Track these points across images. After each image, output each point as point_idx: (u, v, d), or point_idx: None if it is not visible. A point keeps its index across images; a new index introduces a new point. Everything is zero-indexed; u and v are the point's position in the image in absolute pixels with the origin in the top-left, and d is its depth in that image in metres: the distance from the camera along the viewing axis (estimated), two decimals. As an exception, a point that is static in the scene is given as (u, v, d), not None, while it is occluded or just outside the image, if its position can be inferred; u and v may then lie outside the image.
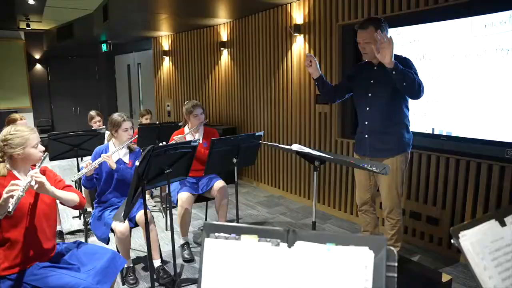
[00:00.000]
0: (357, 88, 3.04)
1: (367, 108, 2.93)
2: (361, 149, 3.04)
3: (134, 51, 9.50)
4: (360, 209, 3.20)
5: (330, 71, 4.48)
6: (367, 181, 3.09)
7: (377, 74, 2.88)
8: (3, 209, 1.88)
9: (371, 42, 2.76)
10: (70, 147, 3.83)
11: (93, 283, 2.09)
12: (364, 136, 2.99)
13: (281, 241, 1.05)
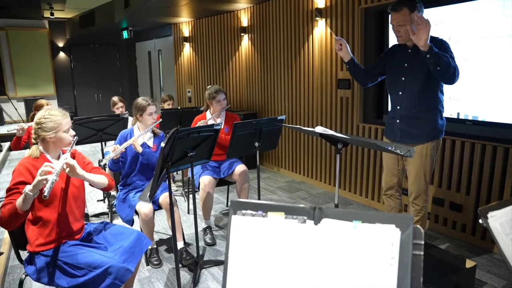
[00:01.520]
0: (390, 72, 2.97)
1: (400, 92, 2.86)
2: (391, 134, 2.98)
3: (155, 38, 9.56)
4: (385, 193, 3.16)
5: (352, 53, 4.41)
6: (395, 165, 3.04)
7: (411, 57, 2.80)
8: (36, 189, 1.94)
9: (405, 25, 2.69)
10: (94, 132, 3.91)
11: (120, 262, 2.15)
12: (396, 121, 2.92)
13: (307, 218, 1.05)
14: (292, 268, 1.02)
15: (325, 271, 0.99)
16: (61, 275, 2.16)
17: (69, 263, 2.15)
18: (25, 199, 1.96)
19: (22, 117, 9.75)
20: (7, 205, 2.03)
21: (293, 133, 5.55)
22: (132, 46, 11.07)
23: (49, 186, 1.93)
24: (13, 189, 2.08)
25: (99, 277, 2.09)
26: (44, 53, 10.48)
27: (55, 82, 10.68)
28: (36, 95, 9.91)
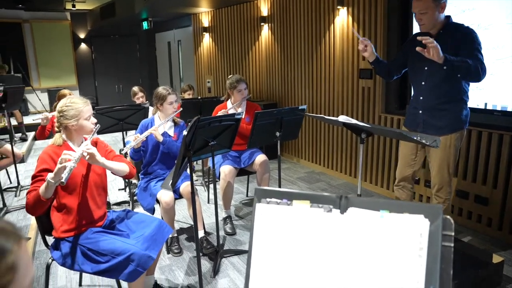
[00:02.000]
0: (412, 61, 2.88)
1: (423, 82, 2.78)
2: (413, 124, 2.90)
3: (174, 29, 9.57)
4: (397, 184, 3.09)
5: (374, 45, 4.32)
6: (411, 156, 2.97)
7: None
8: (58, 177, 1.96)
9: (427, 12, 2.60)
10: (116, 121, 3.94)
11: (142, 249, 2.17)
12: (418, 111, 2.84)
13: (333, 207, 1.03)
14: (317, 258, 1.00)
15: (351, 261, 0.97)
16: (85, 260, 2.20)
17: (93, 249, 2.18)
18: (47, 187, 1.99)
19: (45, 107, 9.93)
20: (32, 192, 2.07)
21: (313, 124, 5.50)
22: (152, 37, 11.12)
23: (66, 173, 1.95)
24: (37, 176, 2.12)
25: (121, 264, 2.12)
26: (66, 45, 10.63)
27: (77, 73, 10.84)
28: (59, 85, 10.07)
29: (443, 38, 2.53)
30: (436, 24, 2.65)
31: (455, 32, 2.56)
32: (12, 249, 0.56)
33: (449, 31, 2.64)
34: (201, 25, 8.03)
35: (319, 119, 3.51)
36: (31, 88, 9.81)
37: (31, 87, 9.85)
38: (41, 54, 10.29)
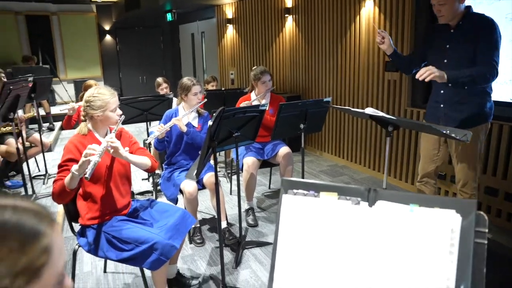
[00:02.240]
0: (431, 54, 2.80)
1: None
2: (433, 118, 2.82)
3: (198, 20, 9.59)
4: (420, 180, 3.01)
5: (402, 37, 4.23)
6: (434, 151, 2.89)
7: (454, 38, 2.62)
8: (82, 169, 1.99)
9: (446, 4, 2.52)
10: (140, 112, 3.97)
11: (166, 238, 2.18)
12: (440, 105, 2.76)
13: (361, 199, 1.01)
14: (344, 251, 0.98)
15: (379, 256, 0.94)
16: (110, 248, 2.23)
17: (117, 237, 2.21)
18: (72, 178, 2.02)
19: (71, 98, 10.13)
20: (58, 181, 2.11)
21: (337, 116, 5.43)
22: (175, 29, 11.17)
23: (91, 168, 1.97)
24: (63, 166, 2.15)
25: (145, 252, 2.14)
26: (91, 36, 10.79)
27: (102, 64, 11.01)
28: (84, 77, 10.24)
29: (462, 30, 2.45)
30: (456, 15, 2.56)
31: (475, 23, 2.47)
32: (46, 231, 0.56)
33: (469, 22, 2.55)
34: (224, 16, 8.01)
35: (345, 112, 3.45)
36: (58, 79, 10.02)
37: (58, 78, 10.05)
38: (68, 45, 10.48)
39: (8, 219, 0.54)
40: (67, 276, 0.62)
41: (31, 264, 0.54)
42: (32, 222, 0.56)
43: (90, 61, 10.82)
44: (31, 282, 0.54)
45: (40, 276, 0.55)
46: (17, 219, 0.54)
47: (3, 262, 0.51)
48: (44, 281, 0.55)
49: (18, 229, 0.54)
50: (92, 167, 1.97)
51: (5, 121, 3.80)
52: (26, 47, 9.97)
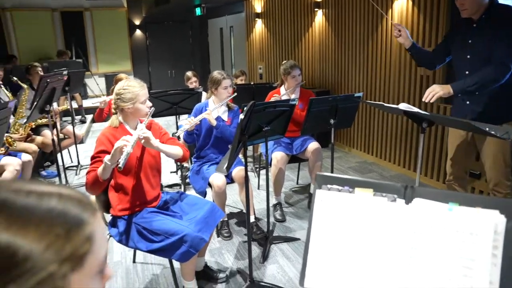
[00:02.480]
0: (454, 49, 2.70)
1: (467, 72, 2.58)
2: (459, 115, 2.70)
3: (227, 15, 9.60)
4: (449, 179, 2.91)
5: (436, 31, 4.09)
6: (464, 149, 2.78)
7: (476, 32, 2.51)
8: (114, 159, 2.02)
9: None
10: (170, 105, 4.00)
11: (195, 231, 2.20)
12: (466, 102, 2.65)
13: (398, 196, 0.98)
14: (378, 249, 0.95)
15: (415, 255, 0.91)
16: (140, 239, 2.26)
17: (148, 229, 2.24)
18: (105, 168, 2.05)
19: (102, 91, 10.35)
20: (91, 172, 2.15)
21: (366, 112, 5.33)
22: (204, 23, 11.23)
23: (123, 158, 2.00)
24: (96, 157, 2.20)
25: (175, 244, 2.16)
26: (122, 31, 10.98)
27: (132, 59, 11.19)
28: (115, 71, 10.43)
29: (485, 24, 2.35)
30: (479, 8, 2.45)
31: (499, 16, 2.36)
32: (89, 220, 0.56)
33: (492, 15, 2.44)
34: (253, 11, 7.99)
35: (377, 107, 3.38)
36: (89, 73, 10.25)
37: (89, 72, 10.28)
38: (99, 40, 10.71)
39: (54, 206, 0.54)
40: (107, 265, 0.62)
41: (75, 252, 0.54)
42: (76, 210, 0.56)
43: (120, 55, 11.02)
44: (75, 270, 0.54)
45: (84, 264, 0.55)
46: (62, 207, 0.55)
47: (50, 248, 0.51)
48: (87, 269, 0.56)
49: (64, 216, 0.54)
50: (125, 157, 2.00)
51: (42, 113, 3.92)
52: (60, 42, 10.26)
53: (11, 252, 0.49)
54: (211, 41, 11.17)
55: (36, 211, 0.53)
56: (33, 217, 0.52)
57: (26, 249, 0.50)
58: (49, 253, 0.51)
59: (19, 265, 0.49)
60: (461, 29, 2.64)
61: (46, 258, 0.51)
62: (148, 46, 11.34)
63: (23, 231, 0.51)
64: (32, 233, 0.51)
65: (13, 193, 0.54)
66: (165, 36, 11.39)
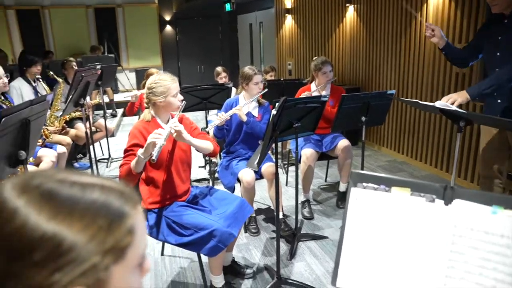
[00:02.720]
0: (485, 46, 2.60)
1: (496, 69, 2.49)
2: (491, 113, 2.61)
3: (257, 10, 9.59)
4: (483, 181, 2.80)
5: (474, 28, 3.94)
6: (498, 149, 2.67)
7: (506, 29, 2.42)
8: (147, 152, 2.05)
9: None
10: (199, 100, 4.02)
11: (224, 226, 2.20)
12: (496, 101, 2.55)
13: (436, 197, 0.94)
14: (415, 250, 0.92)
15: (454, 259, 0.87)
16: (170, 232, 2.29)
17: (177, 222, 2.26)
18: (138, 162, 2.08)
19: (133, 86, 10.53)
20: (124, 165, 2.18)
21: (397, 110, 5.21)
22: (234, 19, 11.25)
23: (156, 151, 2.02)
24: (129, 151, 2.23)
25: (204, 239, 2.17)
26: (153, 27, 11.14)
27: (162, 54, 11.34)
28: (145, 66, 10.60)
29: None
30: (511, 3, 2.33)
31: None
32: (130, 212, 0.56)
33: None
34: (283, 6, 7.93)
35: (412, 105, 3.30)
36: (120, 67, 10.45)
37: (121, 67, 10.49)
38: (131, 36, 10.91)
39: (97, 198, 0.55)
40: (147, 259, 0.62)
41: (117, 244, 0.54)
42: (118, 203, 0.56)
43: (150, 50, 11.19)
44: (117, 262, 0.54)
45: (125, 256, 0.55)
46: (105, 199, 0.55)
47: (94, 240, 0.52)
48: (128, 262, 0.56)
49: (106, 208, 0.55)
50: (158, 150, 2.02)
51: (76, 106, 4.02)
52: (93, 38, 10.54)
53: (57, 241, 0.50)
54: (240, 37, 11.19)
55: (80, 202, 0.53)
56: (77, 208, 0.52)
57: (71, 240, 0.50)
58: (92, 245, 0.52)
59: (64, 255, 0.50)
60: (492, 25, 2.54)
61: (90, 249, 0.51)
62: (178, 41, 11.46)
63: (68, 222, 0.51)
64: (77, 224, 0.51)
65: (58, 183, 0.54)
66: (195, 32, 11.48)
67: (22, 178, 0.55)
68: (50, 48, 9.78)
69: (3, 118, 1.85)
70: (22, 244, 0.49)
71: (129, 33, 10.89)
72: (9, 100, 3.42)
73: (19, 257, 0.49)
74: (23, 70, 4.45)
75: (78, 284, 0.50)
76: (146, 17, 10.97)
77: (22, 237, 0.49)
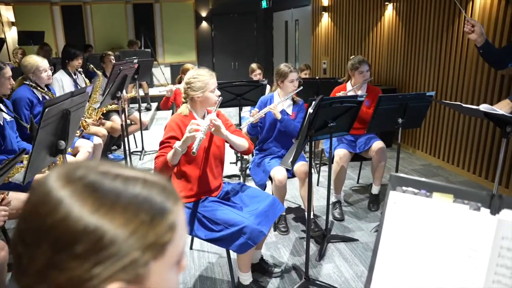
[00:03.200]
0: None
1: None
2: None
3: (293, 8, 9.52)
4: None
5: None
6: None
7: None
8: (185, 145, 2.06)
9: None
10: (234, 96, 4.03)
11: (255, 223, 2.19)
12: None
13: (482, 205, 0.89)
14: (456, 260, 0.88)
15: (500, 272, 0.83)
16: (200, 227, 2.30)
17: (208, 217, 2.27)
18: (175, 154, 2.09)
19: (167, 80, 10.71)
20: (160, 157, 2.20)
21: (434, 112, 5.04)
22: (269, 16, 11.22)
23: (197, 143, 2.03)
24: (165, 143, 2.25)
25: (233, 235, 2.17)
26: (189, 23, 11.27)
27: (197, 50, 11.46)
28: (180, 61, 10.75)
29: None
30: None
31: None
32: (172, 209, 0.56)
33: None
34: (320, 4, 7.84)
35: (453, 108, 3.18)
36: (156, 62, 10.64)
37: (156, 62, 10.68)
38: (167, 31, 11.09)
39: (139, 192, 0.54)
40: (185, 256, 0.61)
41: (158, 240, 0.53)
42: (160, 198, 0.56)
43: (186, 46, 11.32)
44: (156, 259, 0.54)
45: (165, 253, 0.54)
46: (147, 193, 0.55)
47: (135, 234, 0.51)
48: (168, 259, 0.55)
49: (149, 203, 0.54)
50: (198, 143, 2.04)
51: (113, 99, 4.12)
52: (131, 32, 10.78)
53: (98, 235, 0.50)
54: (275, 34, 11.15)
55: (123, 196, 0.53)
56: (119, 202, 0.52)
57: (112, 234, 0.50)
58: (133, 240, 0.51)
59: (105, 249, 0.50)
60: None
61: (130, 244, 0.51)
62: (213, 37, 11.55)
63: (110, 215, 0.51)
64: (118, 218, 0.51)
65: (101, 175, 0.54)
66: (230, 28, 11.53)
67: (66, 169, 0.55)
68: (90, 42, 10.09)
69: (46, 109, 1.90)
70: (65, 236, 0.49)
71: (165, 29, 11.07)
72: (52, 92, 3.55)
73: (63, 248, 0.49)
74: (65, 63, 4.60)
75: (117, 279, 0.50)
76: (182, 13, 11.11)
77: (65, 229, 0.50)
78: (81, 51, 5.12)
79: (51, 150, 2.12)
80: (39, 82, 3.39)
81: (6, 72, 2.77)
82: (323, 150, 4.60)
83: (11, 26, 10.36)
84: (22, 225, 0.53)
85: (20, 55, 6.97)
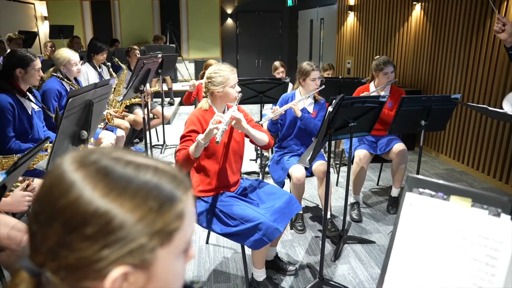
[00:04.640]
0: None
1: None
2: None
3: (318, 6, 9.45)
4: None
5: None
6: None
7: None
8: (208, 137, 2.08)
9: None
10: (255, 93, 4.03)
11: (271, 220, 2.19)
12: None
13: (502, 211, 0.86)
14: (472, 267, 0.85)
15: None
16: (216, 221, 2.31)
17: (225, 212, 2.28)
18: (197, 147, 2.11)
19: (191, 76, 10.80)
20: (181, 150, 2.23)
21: (459, 115, 4.92)
22: (294, 14, 11.18)
23: (220, 133, 2.05)
24: (186, 136, 2.27)
25: (249, 231, 2.18)
26: (214, 19, 11.34)
27: (221, 46, 11.52)
28: (204, 57, 10.83)
29: None
30: None
31: None
32: (181, 197, 0.57)
33: None
34: (346, 3, 7.76)
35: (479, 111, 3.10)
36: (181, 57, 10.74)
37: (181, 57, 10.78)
38: (192, 27, 11.21)
39: (149, 179, 0.55)
40: (192, 246, 0.62)
41: (165, 227, 0.55)
42: (170, 186, 0.57)
43: (211, 42, 11.41)
44: (163, 246, 0.55)
45: (172, 240, 0.55)
46: (157, 181, 0.56)
47: (142, 220, 0.52)
48: (174, 247, 0.56)
49: (158, 190, 0.55)
50: (221, 133, 2.05)
51: (137, 92, 4.18)
52: (157, 28, 10.95)
53: (107, 219, 0.51)
54: (300, 33, 11.10)
55: (133, 182, 0.54)
56: (129, 188, 0.53)
57: (121, 218, 0.51)
58: (141, 225, 0.52)
59: (114, 232, 0.51)
60: None
61: (138, 229, 0.52)
62: (237, 34, 11.59)
63: (120, 200, 0.52)
64: (128, 204, 0.52)
65: (114, 161, 0.56)
66: (255, 26, 11.55)
67: (81, 153, 0.57)
68: (116, 37, 10.30)
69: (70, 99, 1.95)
70: (76, 217, 0.51)
71: (191, 25, 11.19)
72: (79, 84, 3.64)
73: (73, 229, 0.51)
74: (90, 56, 4.70)
75: (124, 263, 0.52)
76: (208, 9, 11.20)
77: (76, 211, 0.51)
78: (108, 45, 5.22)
79: (74, 139, 2.17)
80: (69, 75, 3.49)
81: (36, 64, 2.85)
82: (343, 150, 4.57)
83: (44, 21, 10.71)
84: (37, 205, 0.55)
85: (50, 48, 7.16)
